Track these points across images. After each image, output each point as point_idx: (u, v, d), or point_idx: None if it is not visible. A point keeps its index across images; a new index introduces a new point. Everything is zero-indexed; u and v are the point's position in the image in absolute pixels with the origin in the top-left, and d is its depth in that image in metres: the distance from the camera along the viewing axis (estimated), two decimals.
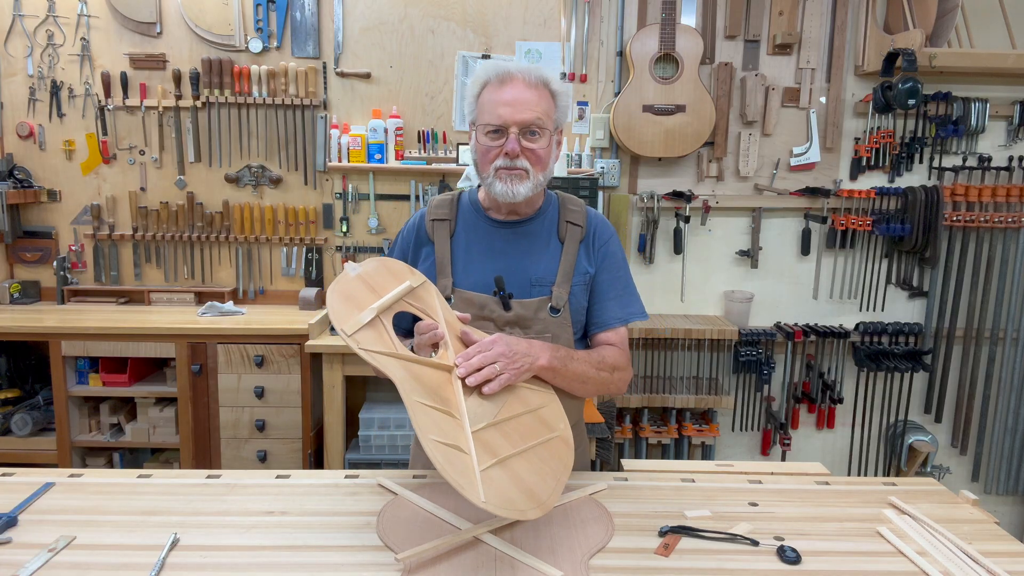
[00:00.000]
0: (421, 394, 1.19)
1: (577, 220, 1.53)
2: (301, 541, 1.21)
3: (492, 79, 1.43)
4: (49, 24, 3.12)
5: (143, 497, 1.36)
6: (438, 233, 1.53)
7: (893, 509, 1.37)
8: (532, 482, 1.16)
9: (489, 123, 1.42)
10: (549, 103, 1.44)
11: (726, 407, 3.15)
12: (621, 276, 1.55)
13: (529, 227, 1.53)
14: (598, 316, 1.53)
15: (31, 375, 3.17)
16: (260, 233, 3.26)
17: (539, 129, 1.41)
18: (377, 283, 1.34)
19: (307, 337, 2.77)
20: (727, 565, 1.16)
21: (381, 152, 3.13)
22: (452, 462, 1.11)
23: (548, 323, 1.47)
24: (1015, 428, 3.27)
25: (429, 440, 1.11)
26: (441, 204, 1.57)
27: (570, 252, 1.50)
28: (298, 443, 2.88)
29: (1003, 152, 3.19)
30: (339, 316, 1.26)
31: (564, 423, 1.31)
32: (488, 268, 1.48)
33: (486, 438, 1.19)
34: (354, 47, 3.16)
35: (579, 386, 1.43)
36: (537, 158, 1.43)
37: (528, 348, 1.33)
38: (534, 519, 1.14)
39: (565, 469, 1.23)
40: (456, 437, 1.16)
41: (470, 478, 1.10)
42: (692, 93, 2.99)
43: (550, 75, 1.46)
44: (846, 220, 3.17)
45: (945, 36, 2.96)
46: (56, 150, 3.21)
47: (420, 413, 1.16)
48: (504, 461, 1.17)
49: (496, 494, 1.10)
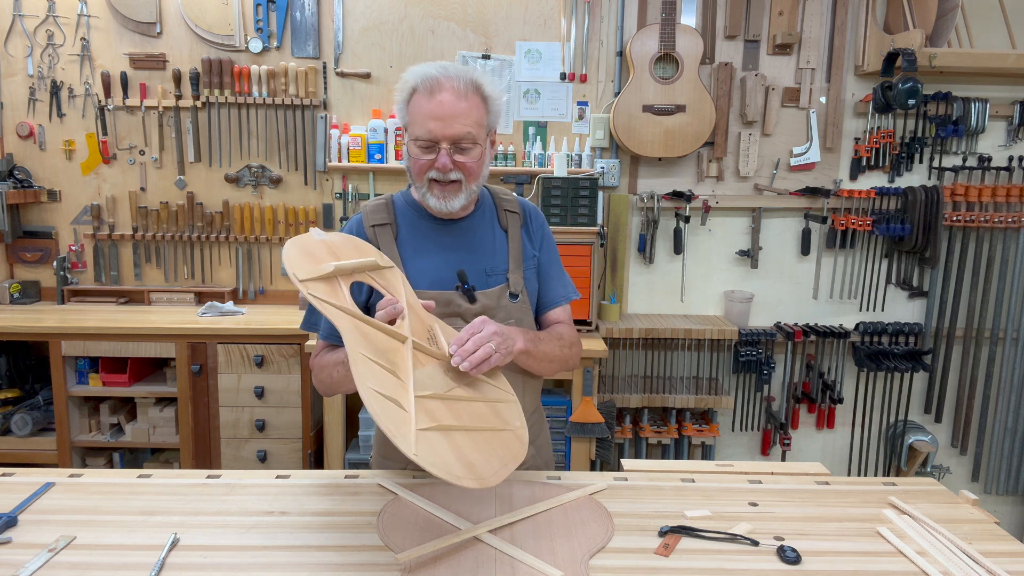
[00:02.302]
0: (369, 351, 1.15)
1: (512, 208, 1.58)
2: (301, 541, 1.21)
3: (420, 87, 1.39)
4: (49, 24, 3.12)
5: (143, 497, 1.36)
6: (382, 238, 1.50)
7: (893, 509, 1.37)
8: (474, 458, 1.12)
9: (420, 137, 1.39)
10: (480, 111, 1.40)
11: (726, 407, 3.15)
12: (556, 257, 1.63)
13: (471, 222, 1.54)
14: (544, 296, 1.60)
15: (31, 375, 3.17)
16: (260, 233, 3.26)
17: (470, 143, 1.39)
18: (341, 252, 1.31)
19: (307, 337, 2.77)
20: (727, 565, 1.16)
21: (381, 152, 3.13)
22: (388, 413, 1.06)
23: (511, 309, 1.49)
24: (1015, 428, 3.27)
25: (367, 388, 1.07)
26: (377, 209, 1.54)
27: (515, 238, 1.54)
28: (298, 443, 2.88)
29: (1003, 152, 3.19)
30: (294, 262, 1.23)
31: (521, 423, 1.28)
32: (441, 265, 1.48)
33: (430, 406, 1.15)
34: (354, 47, 3.16)
35: (547, 365, 1.48)
36: (469, 171, 1.42)
37: (508, 332, 1.34)
38: (471, 488, 1.08)
39: (514, 460, 1.19)
40: (397, 394, 1.11)
41: (404, 430, 1.06)
42: (692, 93, 2.99)
43: (481, 79, 1.42)
44: (846, 220, 3.17)
45: (945, 36, 2.96)
46: (56, 150, 3.21)
47: (363, 364, 1.11)
48: (446, 431, 1.12)
49: (430, 453, 1.06)
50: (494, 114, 1.46)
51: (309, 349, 2.75)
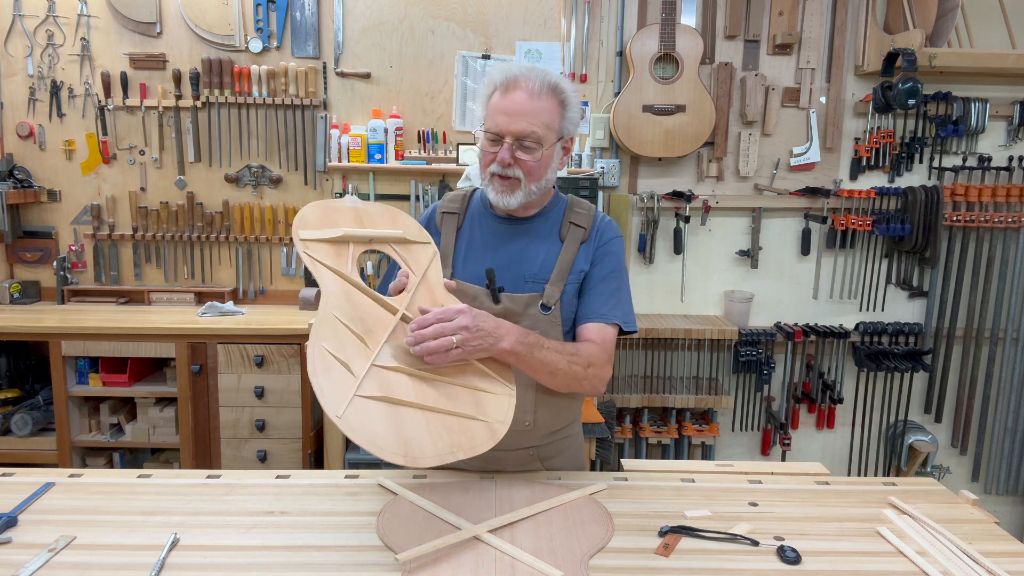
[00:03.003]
0: (344, 314, 1.14)
1: (581, 222, 1.53)
2: (301, 541, 1.21)
3: (500, 84, 1.43)
4: (49, 24, 3.12)
5: (143, 497, 1.36)
6: (446, 226, 1.56)
7: (893, 509, 1.37)
8: (414, 437, 1.09)
9: (489, 129, 1.43)
10: (552, 114, 1.42)
11: (726, 407, 3.15)
12: (614, 276, 1.52)
13: (531, 225, 1.53)
14: (580, 308, 1.51)
15: (31, 375, 3.17)
16: (260, 233, 3.26)
17: (534, 142, 1.40)
18: (371, 221, 1.31)
19: (307, 337, 2.76)
20: (727, 565, 1.16)
21: (381, 152, 3.13)
22: (329, 371, 1.06)
23: (537, 319, 1.47)
24: (1015, 428, 3.27)
25: (318, 345, 1.06)
26: (453, 199, 1.60)
27: (568, 251, 1.50)
28: (298, 443, 2.88)
29: (1003, 152, 3.19)
30: (304, 221, 1.23)
31: (504, 419, 1.23)
32: (485, 262, 1.49)
33: (390, 378, 1.13)
34: (354, 47, 3.16)
35: (547, 376, 1.37)
36: (529, 170, 1.42)
37: (495, 328, 1.27)
38: (396, 464, 1.07)
39: (468, 450, 1.15)
40: (352, 359, 1.10)
41: (340, 392, 1.05)
42: (692, 93, 2.99)
43: (561, 83, 1.43)
44: (846, 220, 3.17)
45: (945, 36, 2.96)
46: (56, 150, 3.21)
47: (327, 324, 1.11)
48: (394, 404, 1.11)
49: (359, 419, 1.04)
50: (570, 120, 1.46)
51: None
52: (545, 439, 1.53)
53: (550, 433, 1.54)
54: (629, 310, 1.53)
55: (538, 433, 1.51)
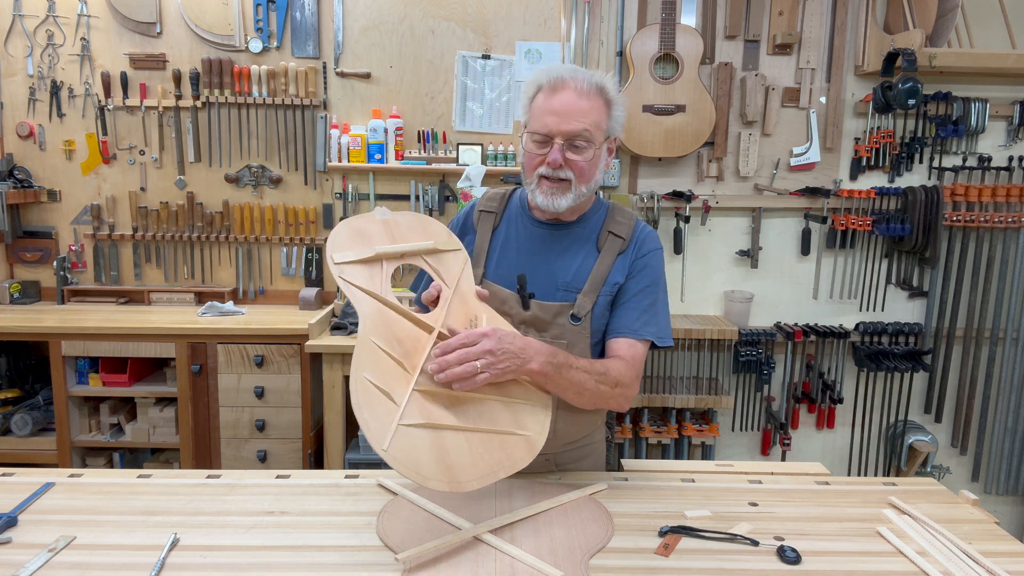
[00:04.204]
0: (382, 338, 1.14)
1: (621, 232, 1.49)
2: (301, 541, 1.21)
3: (545, 84, 1.40)
4: (49, 24, 3.12)
5: (143, 497, 1.36)
6: (482, 224, 1.54)
7: (893, 509, 1.37)
8: (456, 461, 1.10)
9: (536, 131, 1.40)
10: (600, 113, 1.40)
11: (726, 407, 3.15)
12: (651, 291, 1.47)
13: (568, 231, 1.50)
14: (612, 322, 1.47)
15: (31, 375, 3.17)
16: (260, 233, 3.26)
17: (585, 141, 1.38)
18: (401, 234, 1.30)
19: (307, 337, 2.77)
20: (727, 565, 1.16)
21: (381, 152, 3.13)
22: (372, 403, 1.06)
23: (566, 329, 1.44)
24: (1015, 428, 3.27)
25: (360, 376, 1.06)
26: (492, 197, 1.58)
27: (604, 262, 1.46)
28: (298, 443, 2.88)
29: (1003, 152, 3.19)
30: (336, 244, 1.23)
31: (540, 430, 1.23)
32: (519, 264, 1.47)
33: (430, 402, 1.14)
34: (354, 47, 3.16)
35: (574, 396, 1.35)
36: (580, 170, 1.39)
37: (522, 349, 1.24)
38: (442, 491, 1.08)
39: (508, 467, 1.16)
40: (392, 386, 1.10)
41: (383, 424, 1.05)
42: (692, 93, 2.99)
43: (607, 83, 1.42)
44: (846, 220, 3.17)
45: (945, 36, 2.96)
46: (56, 150, 3.21)
47: (367, 350, 1.11)
48: (436, 429, 1.11)
49: (403, 450, 1.05)
50: (615, 119, 1.44)
51: (309, 349, 2.75)
52: (563, 447, 1.53)
53: (569, 442, 1.53)
54: (665, 325, 1.49)
55: (557, 443, 1.48)
